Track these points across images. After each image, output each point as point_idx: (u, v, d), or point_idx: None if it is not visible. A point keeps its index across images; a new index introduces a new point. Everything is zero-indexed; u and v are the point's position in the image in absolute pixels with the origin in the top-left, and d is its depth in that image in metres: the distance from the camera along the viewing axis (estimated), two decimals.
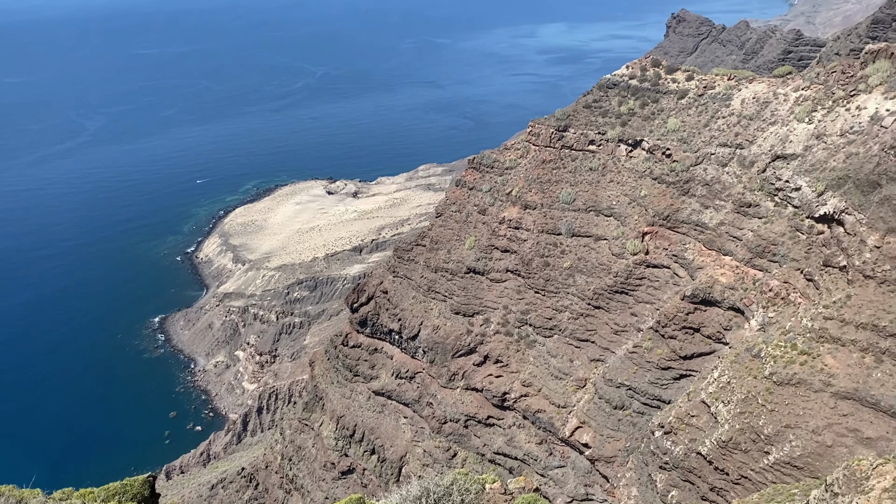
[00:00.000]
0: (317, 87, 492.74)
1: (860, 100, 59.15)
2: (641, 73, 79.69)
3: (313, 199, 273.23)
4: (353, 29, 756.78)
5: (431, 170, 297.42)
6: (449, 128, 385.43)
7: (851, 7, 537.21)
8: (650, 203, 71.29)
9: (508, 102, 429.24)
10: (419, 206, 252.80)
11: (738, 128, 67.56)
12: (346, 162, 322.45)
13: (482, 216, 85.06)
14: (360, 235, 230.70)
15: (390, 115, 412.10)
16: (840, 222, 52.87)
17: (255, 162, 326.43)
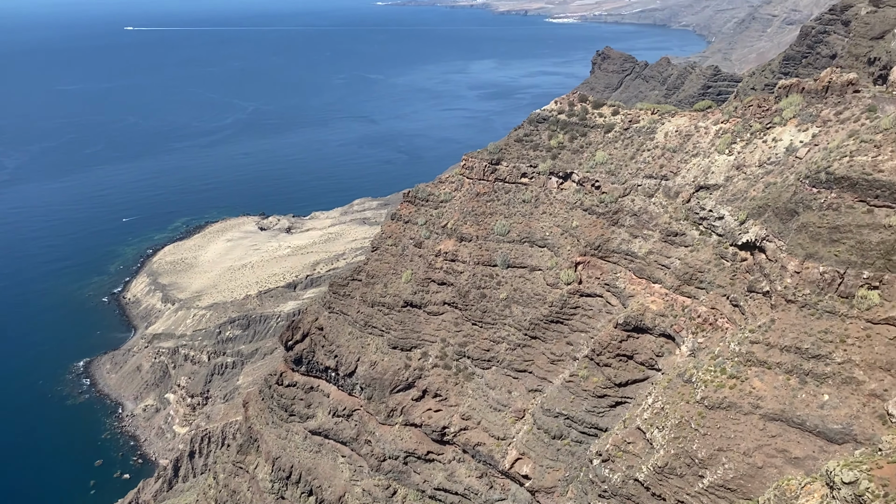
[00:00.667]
0: (248, 122, 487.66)
1: (776, 132, 62.13)
2: (569, 108, 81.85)
3: (245, 236, 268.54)
4: (284, 64, 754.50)
5: (366, 204, 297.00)
6: (383, 162, 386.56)
7: (764, 45, 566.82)
8: (582, 233, 72.75)
9: (442, 136, 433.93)
10: (354, 240, 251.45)
11: (662, 160, 69.89)
12: (279, 197, 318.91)
13: (418, 249, 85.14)
14: (294, 271, 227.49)
15: (324, 150, 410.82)
16: (762, 249, 55.00)
17: (184, 199, 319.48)
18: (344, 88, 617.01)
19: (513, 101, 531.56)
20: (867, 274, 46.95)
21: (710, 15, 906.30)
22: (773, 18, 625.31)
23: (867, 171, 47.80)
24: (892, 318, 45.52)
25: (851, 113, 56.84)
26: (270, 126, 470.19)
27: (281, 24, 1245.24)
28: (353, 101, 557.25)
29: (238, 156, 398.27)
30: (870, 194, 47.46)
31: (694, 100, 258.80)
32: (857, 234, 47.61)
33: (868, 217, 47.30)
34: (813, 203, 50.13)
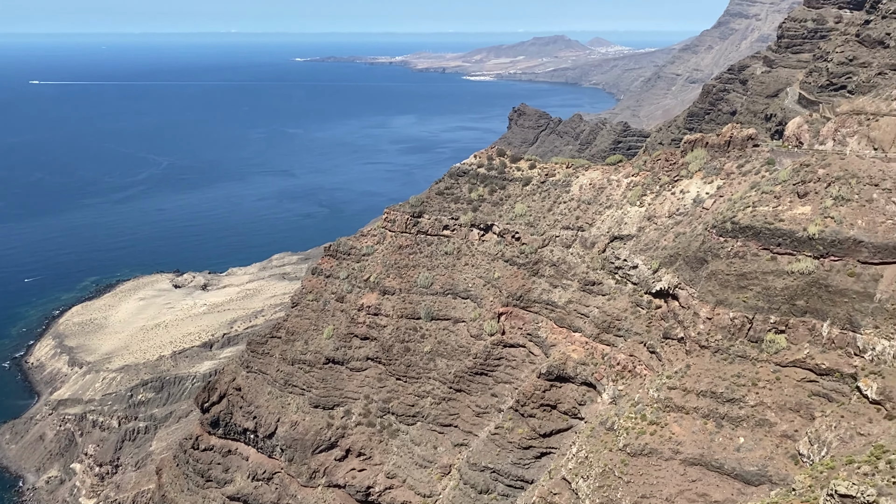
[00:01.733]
0: (163, 177, 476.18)
1: (683, 184, 64.97)
2: (489, 162, 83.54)
3: (159, 294, 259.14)
4: (201, 119, 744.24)
5: (286, 258, 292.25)
6: (303, 216, 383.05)
7: (669, 102, 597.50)
8: (504, 284, 73.52)
9: (363, 190, 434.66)
10: (274, 296, 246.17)
11: (578, 211, 71.89)
12: (194, 254, 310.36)
13: (340, 304, 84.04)
14: (211, 330, 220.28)
15: (242, 205, 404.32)
16: (675, 297, 56.82)
17: (94, 257, 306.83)
18: (262, 143, 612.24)
19: (433, 155, 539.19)
20: (774, 319, 49.04)
21: (619, 74, 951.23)
22: (677, 77, 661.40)
23: (769, 221, 50.39)
24: (799, 361, 47.50)
25: (752, 166, 60.11)
26: (186, 181, 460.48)
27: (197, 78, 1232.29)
28: (271, 156, 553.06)
29: (152, 211, 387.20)
30: (772, 242, 49.93)
31: (606, 154, 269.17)
32: (762, 281, 49.84)
33: (772, 264, 49.64)
34: (720, 251, 52.32)
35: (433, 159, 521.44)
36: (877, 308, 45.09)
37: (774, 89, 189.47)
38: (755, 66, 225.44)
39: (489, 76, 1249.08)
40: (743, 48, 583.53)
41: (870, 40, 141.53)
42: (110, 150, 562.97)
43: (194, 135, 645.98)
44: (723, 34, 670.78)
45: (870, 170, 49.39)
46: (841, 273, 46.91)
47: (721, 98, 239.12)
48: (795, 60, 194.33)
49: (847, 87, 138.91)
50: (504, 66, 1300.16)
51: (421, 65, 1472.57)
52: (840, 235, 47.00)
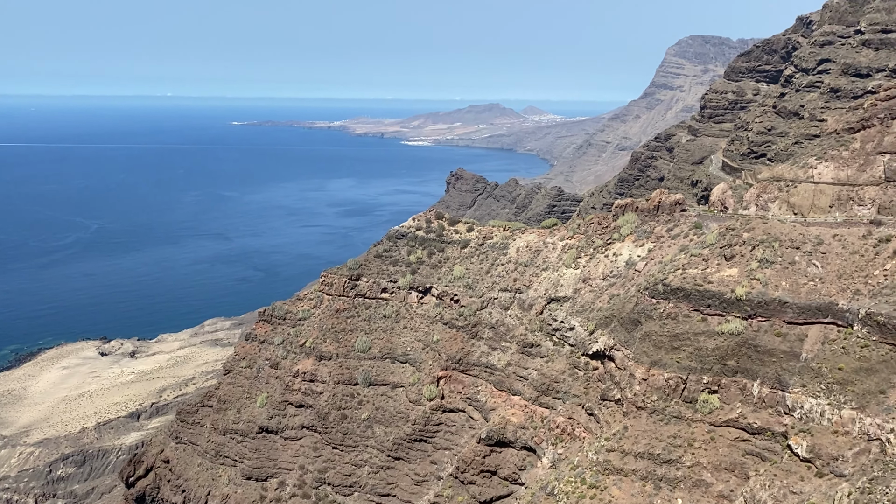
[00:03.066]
0: (91, 241, 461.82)
1: (616, 247, 66.59)
2: (427, 225, 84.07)
3: (84, 362, 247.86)
4: (133, 182, 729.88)
5: (219, 324, 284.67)
6: (238, 280, 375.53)
7: (600, 168, 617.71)
8: (443, 347, 73.11)
9: (300, 253, 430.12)
10: (206, 363, 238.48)
11: (515, 274, 72.65)
12: (123, 320, 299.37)
13: (275, 370, 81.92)
14: (138, 399, 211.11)
15: (174, 269, 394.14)
16: (611, 358, 57.49)
17: (15, 324, 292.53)
18: (197, 206, 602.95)
19: (372, 218, 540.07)
20: (707, 379, 50.02)
21: (552, 141, 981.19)
22: (607, 145, 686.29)
23: (699, 283, 51.89)
24: (732, 420, 48.35)
25: (681, 230, 62.17)
26: (116, 245, 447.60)
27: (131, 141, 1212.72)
28: (206, 219, 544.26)
29: (79, 276, 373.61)
30: (702, 304, 51.32)
31: (541, 217, 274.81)
32: (694, 342, 50.97)
33: (703, 325, 50.91)
34: (653, 313, 53.42)
35: (372, 222, 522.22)
36: (803, 367, 46.53)
37: (699, 156, 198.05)
38: (680, 135, 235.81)
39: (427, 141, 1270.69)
40: (668, 117, 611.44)
41: (786, 111, 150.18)
42: (37, 213, 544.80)
43: (126, 198, 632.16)
44: (649, 104, 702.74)
45: (791, 233, 51.67)
46: (768, 333, 48.41)
47: (649, 165, 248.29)
48: (718, 129, 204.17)
49: (767, 154, 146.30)
50: (441, 132, 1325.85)
51: (360, 130, 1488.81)
52: (766, 297, 48.67)
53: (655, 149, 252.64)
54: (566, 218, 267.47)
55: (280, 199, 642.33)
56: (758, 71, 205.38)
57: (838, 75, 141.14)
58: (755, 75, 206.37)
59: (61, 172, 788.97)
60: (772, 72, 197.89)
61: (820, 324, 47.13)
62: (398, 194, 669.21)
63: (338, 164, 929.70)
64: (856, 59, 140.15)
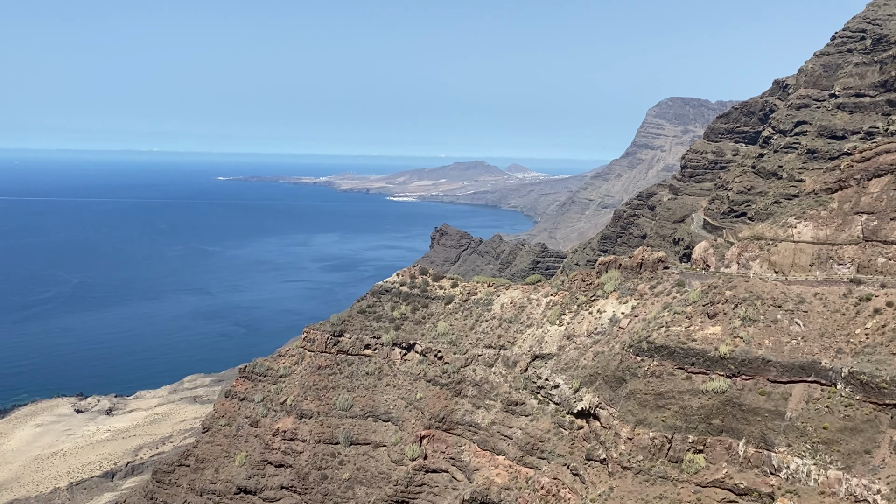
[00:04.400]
0: (71, 295, 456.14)
1: (600, 304, 66.68)
2: (411, 280, 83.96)
3: (58, 420, 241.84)
4: (116, 236, 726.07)
5: (199, 380, 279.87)
6: (219, 335, 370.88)
7: (584, 225, 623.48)
8: (426, 405, 72.15)
9: (282, 308, 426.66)
10: (184, 420, 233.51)
11: (500, 330, 72.36)
12: (101, 376, 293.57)
13: (254, 429, 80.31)
14: (114, 458, 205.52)
15: (154, 324, 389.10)
16: (596, 417, 56.92)
17: None
18: (178, 260, 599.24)
19: (356, 273, 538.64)
20: (692, 438, 49.55)
21: (535, 198, 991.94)
22: (590, 202, 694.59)
23: (682, 341, 51.88)
24: (718, 481, 47.72)
25: (664, 287, 62.47)
26: (96, 299, 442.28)
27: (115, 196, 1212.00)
28: (187, 274, 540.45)
29: (56, 331, 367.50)
30: (686, 362, 51.22)
31: (525, 274, 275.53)
32: (679, 400, 50.66)
33: (687, 383, 50.70)
34: (638, 371, 53.20)
35: (356, 277, 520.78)
36: (788, 426, 46.27)
37: (680, 215, 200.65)
38: (662, 193, 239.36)
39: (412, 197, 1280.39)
40: (650, 176, 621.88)
41: (765, 171, 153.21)
42: (17, 267, 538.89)
43: (108, 252, 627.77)
44: (631, 163, 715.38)
45: (773, 292, 52.05)
46: (753, 392, 48.25)
47: (631, 222, 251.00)
48: (699, 188, 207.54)
49: (747, 213, 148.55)
50: (426, 189, 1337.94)
51: (345, 185, 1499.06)
52: (749, 355, 48.68)
53: (637, 207, 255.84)
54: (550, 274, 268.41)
55: (264, 254, 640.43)
56: (736, 132, 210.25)
57: (815, 137, 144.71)
58: (734, 136, 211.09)
59: (44, 226, 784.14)
60: (750, 133, 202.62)
61: (804, 382, 47.09)
62: (383, 249, 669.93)
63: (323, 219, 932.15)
64: (831, 121, 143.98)
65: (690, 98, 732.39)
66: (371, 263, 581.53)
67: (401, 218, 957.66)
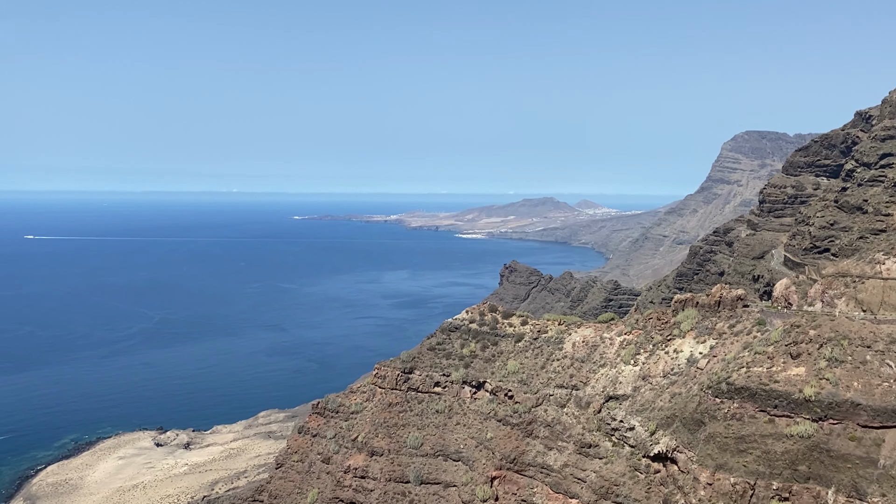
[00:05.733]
0: (153, 332, 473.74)
1: (676, 343, 64.83)
2: (481, 318, 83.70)
3: (139, 453, 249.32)
4: (197, 274, 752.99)
5: (273, 416, 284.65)
6: (293, 371, 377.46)
7: (658, 262, 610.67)
8: (497, 445, 71.23)
9: (353, 344, 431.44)
10: (258, 456, 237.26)
11: (572, 370, 71.12)
12: (179, 410, 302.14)
13: (326, 465, 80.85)
14: (191, 492, 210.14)
15: (231, 360, 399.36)
16: (673, 460, 54.95)
17: (76, 413, 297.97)
18: (255, 297, 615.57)
19: (425, 310, 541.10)
20: (776, 485, 47.21)
21: (607, 234, 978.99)
22: (664, 238, 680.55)
23: (764, 382, 49.81)
24: None
25: (743, 326, 60.34)
26: (176, 335, 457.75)
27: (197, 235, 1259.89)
28: (263, 311, 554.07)
29: (138, 366, 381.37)
30: (769, 404, 49.07)
31: (597, 311, 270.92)
32: (762, 444, 48.45)
33: (770, 427, 48.50)
34: (717, 413, 51.26)
35: (425, 314, 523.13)
36: (882, 475, 43.58)
37: (760, 251, 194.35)
38: (740, 229, 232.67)
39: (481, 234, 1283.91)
40: (726, 212, 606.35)
41: (848, 206, 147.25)
42: (104, 304, 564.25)
43: (189, 290, 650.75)
44: (706, 198, 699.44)
45: (861, 331, 49.58)
46: (842, 437, 45.77)
47: (708, 259, 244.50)
48: (778, 224, 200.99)
49: (830, 249, 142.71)
50: (495, 225, 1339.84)
51: (415, 223, 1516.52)
52: (837, 398, 46.32)
53: (714, 243, 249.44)
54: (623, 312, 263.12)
55: (336, 291, 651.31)
56: (817, 165, 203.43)
57: None
58: (814, 169, 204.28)
59: (129, 265, 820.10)
60: (831, 166, 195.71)
61: None
62: (452, 286, 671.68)
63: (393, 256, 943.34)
64: None
65: (767, 131, 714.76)
66: (440, 300, 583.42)
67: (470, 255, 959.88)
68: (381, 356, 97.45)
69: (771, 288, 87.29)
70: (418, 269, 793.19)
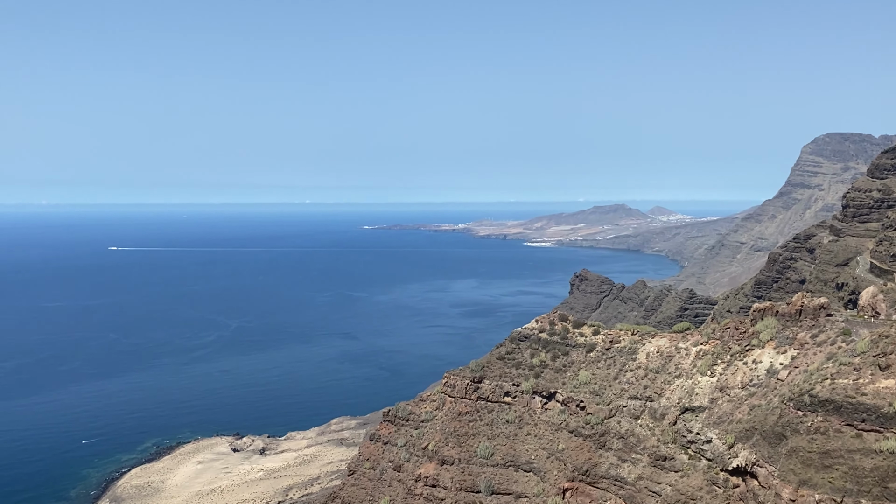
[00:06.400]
0: (230, 339, 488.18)
1: (755, 354, 62.66)
2: (551, 327, 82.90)
3: (217, 458, 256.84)
4: (271, 283, 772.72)
5: (345, 423, 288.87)
6: (364, 379, 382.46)
7: (735, 269, 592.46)
8: (568, 457, 70.31)
9: (423, 353, 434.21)
10: (331, 462, 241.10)
11: (646, 380, 69.61)
12: (255, 416, 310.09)
13: (397, 473, 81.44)
14: (266, 497, 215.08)
15: (304, 367, 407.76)
16: (753, 475, 53.06)
17: (158, 418, 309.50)
18: (328, 306, 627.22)
19: (494, 319, 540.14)
20: (865, 503, 44.99)
21: (681, 242, 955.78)
22: (742, 245, 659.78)
23: (850, 395, 47.60)
24: None
25: (827, 336, 57.88)
26: (252, 343, 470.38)
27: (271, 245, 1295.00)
28: (335, 319, 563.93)
29: (216, 373, 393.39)
30: (856, 418, 46.86)
31: (672, 321, 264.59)
32: (849, 460, 46.28)
33: (858, 442, 46.29)
34: (800, 426, 49.26)
35: (494, 323, 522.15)
36: None
37: (843, 258, 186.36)
38: (822, 235, 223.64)
39: (550, 242, 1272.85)
40: (807, 217, 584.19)
41: None
42: (183, 312, 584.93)
43: (264, 298, 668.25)
44: (785, 204, 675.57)
45: None
46: None
47: (788, 266, 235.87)
48: (863, 229, 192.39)
49: None
50: (565, 233, 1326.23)
51: (483, 232, 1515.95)
52: None
53: (795, 249, 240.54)
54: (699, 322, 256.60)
55: (405, 300, 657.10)
56: None
57: None
58: None
59: (207, 274, 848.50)
60: None
61: None
62: (521, 295, 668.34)
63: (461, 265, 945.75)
64: None
65: (850, 133, 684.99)
66: (509, 309, 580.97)
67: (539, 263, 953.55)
68: (450, 365, 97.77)
69: (856, 296, 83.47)
70: (487, 278, 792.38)
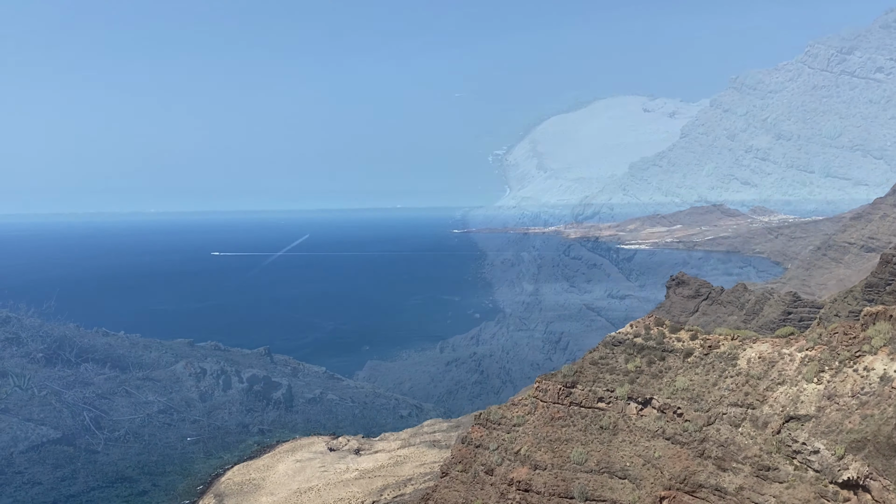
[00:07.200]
0: (326, 341, 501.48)
1: (866, 361, 59.27)
2: (646, 332, 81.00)
3: (314, 457, 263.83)
4: (364, 286, 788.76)
5: (437, 425, 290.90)
6: (455, 382, 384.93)
7: (843, 271, 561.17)
8: (665, 465, 68.49)
9: (514, 356, 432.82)
10: (423, 464, 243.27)
11: (747, 387, 66.99)
12: (350, 417, 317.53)
13: (489, 476, 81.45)
14: (360, 497, 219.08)
15: (396, 369, 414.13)
16: (866, 488, 50.19)
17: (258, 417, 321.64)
18: (419, 309, 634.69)
19: (586, 324, 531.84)
20: None
21: (784, 242, 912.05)
22: (850, 246, 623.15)
23: None
24: None
25: None
26: (346, 345, 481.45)
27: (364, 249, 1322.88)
28: (426, 322, 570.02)
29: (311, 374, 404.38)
30: None
31: (775, 326, 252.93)
32: None
33: None
34: None
35: (587, 327, 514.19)
36: None
37: None
38: None
39: (644, 245, 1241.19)
40: None
41: None
42: (281, 314, 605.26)
43: (357, 301, 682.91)
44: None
45: None
46: None
47: None
48: None
49: None
50: (660, 235, 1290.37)
51: (573, 234, 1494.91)
52: None
53: None
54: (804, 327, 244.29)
55: (496, 303, 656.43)
56: None
57: None
58: None
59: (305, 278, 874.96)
60: None
61: None
62: (613, 299, 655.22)
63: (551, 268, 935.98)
64: None
65: None
66: (602, 314, 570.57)
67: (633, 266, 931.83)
68: (542, 369, 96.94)
69: None
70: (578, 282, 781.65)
